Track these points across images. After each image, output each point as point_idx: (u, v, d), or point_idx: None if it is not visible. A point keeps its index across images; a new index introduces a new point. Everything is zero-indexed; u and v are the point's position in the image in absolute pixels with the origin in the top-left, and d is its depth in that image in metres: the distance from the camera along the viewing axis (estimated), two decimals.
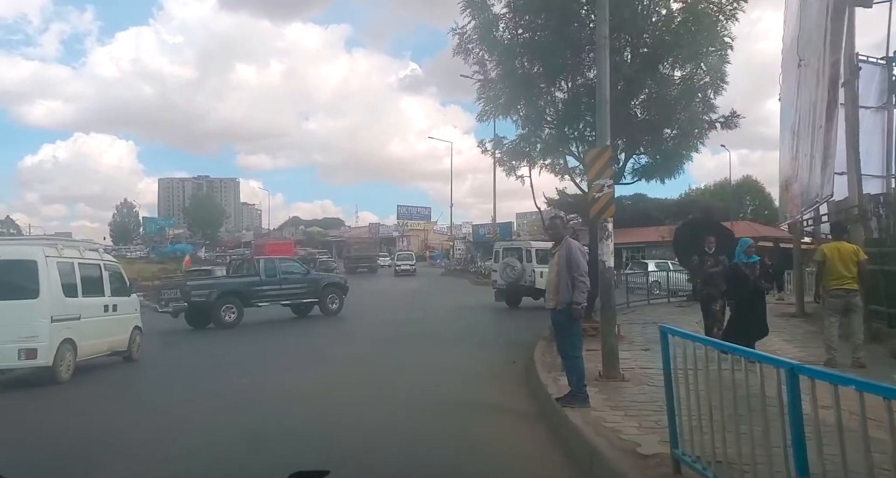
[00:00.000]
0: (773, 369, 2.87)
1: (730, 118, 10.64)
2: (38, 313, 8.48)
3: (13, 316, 8.37)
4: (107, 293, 10.11)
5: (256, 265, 18.09)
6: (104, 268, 10.31)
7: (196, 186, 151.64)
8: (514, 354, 9.99)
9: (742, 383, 3.25)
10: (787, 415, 2.70)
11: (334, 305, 18.35)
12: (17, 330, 8.32)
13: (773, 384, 2.86)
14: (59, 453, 5.29)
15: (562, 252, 6.05)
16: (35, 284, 8.57)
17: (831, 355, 7.23)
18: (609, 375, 7.10)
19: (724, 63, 9.98)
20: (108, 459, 5.11)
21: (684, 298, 17.80)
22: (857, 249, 7.47)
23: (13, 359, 8.38)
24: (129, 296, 11.01)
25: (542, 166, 11.70)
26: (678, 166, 11.03)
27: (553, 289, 6.09)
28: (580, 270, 5.91)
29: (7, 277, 8.63)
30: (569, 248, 6.04)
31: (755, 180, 64.56)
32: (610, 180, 7.19)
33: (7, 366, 8.54)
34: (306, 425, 6.13)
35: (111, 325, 10.13)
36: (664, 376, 4.06)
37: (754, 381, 3.06)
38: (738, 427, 3.22)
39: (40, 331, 8.46)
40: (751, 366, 3.16)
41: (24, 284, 8.56)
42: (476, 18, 10.40)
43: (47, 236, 14.60)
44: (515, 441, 5.38)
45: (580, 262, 5.95)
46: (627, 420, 5.31)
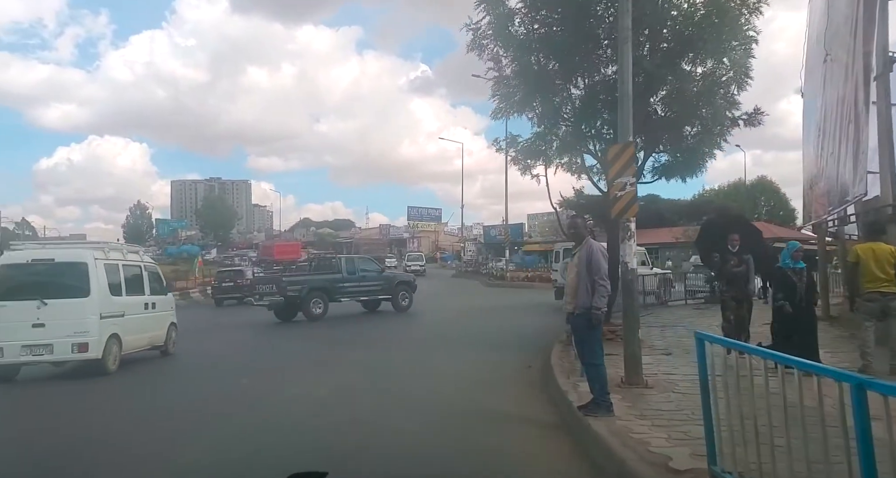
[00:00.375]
0: (834, 382, 2.59)
1: (753, 115, 10.29)
2: (88, 311, 9.31)
3: (67, 313, 9.19)
4: (146, 292, 11.03)
5: (339, 263, 19.35)
6: (144, 269, 11.28)
7: (208, 187, 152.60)
8: (530, 358, 9.71)
9: (785, 393, 2.96)
10: (853, 434, 2.42)
11: (405, 302, 19.44)
12: (70, 326, 9.14)
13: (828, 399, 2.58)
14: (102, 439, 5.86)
15: (582, 254, 5.74)
16: (86, 284, 9.38)
17: (867, 362, 6.88)
18: (632, 381, 6.80)
19: (749, 57, 9.63)
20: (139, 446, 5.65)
21: (702, 300, 17.41)
22: (893, 249, 7.11)
23: (67, 352, 9.21)
24: (165, 295, 12.04)
25: (557, 165, 11.41)
26: (700, 164, 10.71)
27: (572, 292, 5.79)
28: (601, 274, 5.60)
29: (61, 277, 9.51)
30: (590, 249, 5.72)
31: (770, 181, 63.82)
32: (632, 178, 6.90)
33: (62, 359, 9.36)
34: (311, 429, 5.92)
35: (151, 321, 11.07)
36: (701, 386, 3.77)
37: (792, 391, 2.78)
38: (790, 443, 2.92)
39: (91, 327, 9.29)
40: (806, 380, 2.86)
41: (76, 284, 9.37)
42: (490, 13, 10.15)
43: (95, 241, 16.75)
44: (536, 453, 5.10)
45: (601, 264, 5.64)
46: (655, 431, 5.01)
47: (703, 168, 10.79)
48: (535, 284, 32.75)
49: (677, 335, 11.19)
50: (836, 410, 2.57)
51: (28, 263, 9.76)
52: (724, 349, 3.62)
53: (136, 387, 9.02)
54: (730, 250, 8.46)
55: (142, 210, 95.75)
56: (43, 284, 9.46)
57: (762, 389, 3.17)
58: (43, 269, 9.66)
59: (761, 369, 3.16)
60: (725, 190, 61.44)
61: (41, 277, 9.56)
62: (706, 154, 10.50)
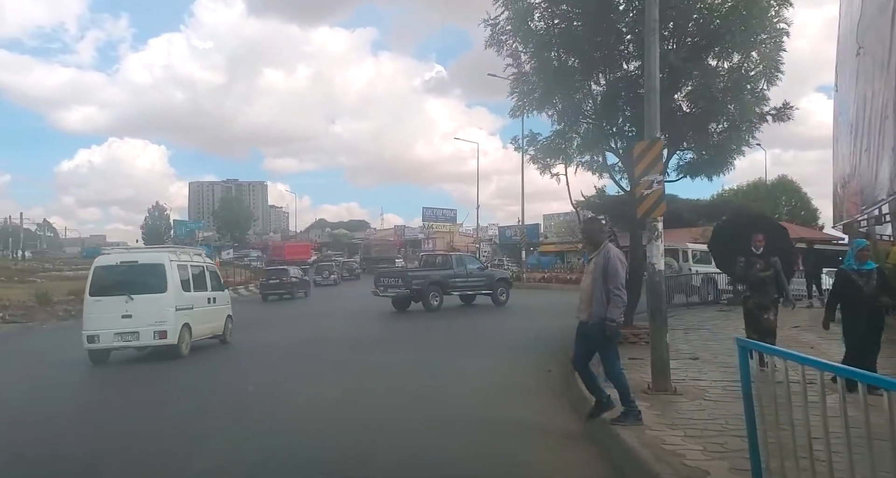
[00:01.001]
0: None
1: (782, 110, 9.91)
2: (166, 304, 11.15)
3: (149, 306, 11.04)
4: (209, 288, 13.02)
5: (450, 261, 21.31)
6: (206, 269, 13.23)
7: (225, 189, 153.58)
8: (549, 362, 9.44)
9: (844, 408, 2.69)
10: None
11: (503, 297, 20.95)
12: (152, 317, 11.01)
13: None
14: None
15: (599, 260, 5.41)
16: (163, 281, 11.25)
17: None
18: (660, 387, 6.51)
19: (779, 51, 9.26)
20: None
21: (726, 302, 17.00)
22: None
23: (150, 339, 11.13)
24: (223, 291, 14.00)
25: (578, 164, 11.11)
26: (728, 162, 10.33)
27: (586, 300, 5.44)
28: (616, 282, 5.27)
29: (143, 277, 11.34)
30: (607, 255, 5.40)
31: (791, 180, 62.68)
32: (660, 176, 6.63)
33: (145, 344, 11.28)
34: (320, 433, 5.72)
35: (213, 313, 13.05)
36: (744, 396, 3.50)
37: (854, 407, 2.52)
38: (852, 462, 2.65)
39: (168, 318, 11.17)
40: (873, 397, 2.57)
41: (155, 282, 11.21)
42: (509, 8, 9.89)
43: (169, 245, 19.88)
44: (561, 466, 4.84)
45: (618, 272, 5.31)
46: (689, 442, 4.74)
47: (731, 166, 10.42)
48: (552, 286, 32.40)
49: (702, 338, 10.87)
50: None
51: (117, 265, 11.67)
52: (770, 358, 3.34)
53: (203, 369, 10.78)
54: (754, 252, 7.73)
55: (160, 211, 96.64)
56: (129, 282, 11.28)
57: (816, 401, 2.90)
58: (129, 269, 11.51)
59: (817, 382, 2.88)
60: (745, 190, 60.42)
61: (127, 277, 11.39)
62: (734, 151, 10.13)
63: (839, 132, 13.17)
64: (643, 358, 7.96)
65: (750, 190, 59.00)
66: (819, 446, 2.90)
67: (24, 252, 62.89)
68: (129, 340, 11.09)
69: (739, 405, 3.61)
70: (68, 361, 11.50)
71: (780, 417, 3.21)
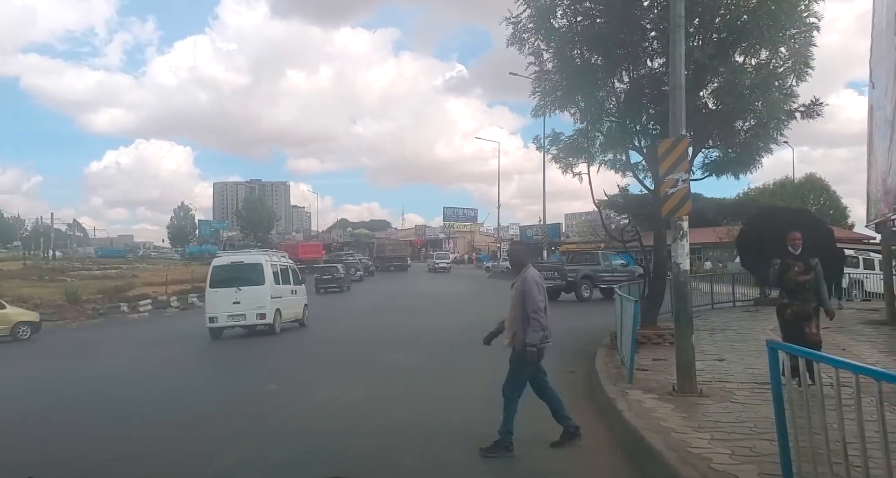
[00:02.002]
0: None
1: (811, 107, 9.67)
2: (265, 294, 15.24)
3: (252, 295, 15.16)
4: (291, 282, 17.29)
5: (597, 257, 23.67)
6: (290, 268, 17.71)
7: (249, 189, 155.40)
8: (572, 362, 9.35)
9: (882, 414, 2.61)
10: None
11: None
12: (255, 303, 15.16)
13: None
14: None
15: (518, 285, 5.23)
16: (261, 277, 15.45)
17: None
18: (685, 389, 6.41)
19: (809, 46, 9.03)
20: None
21: (752, 302, 16.67)
22: None
23: (253, 319, 15.44)
24: (301, 285, 18.30)
25: (601, 163, 10.99)
26: (755, 160, 10.11)
27: (510, 325, 5.28)
28: (533, 307, 5.07)
29: (247, 273, 15.66)
30: (524, 279, 5.19)
31: (819, 178, 61.34)
32: (686, 175, 6.52)
33: (250, 324, 15.63)
34: (337, 434, 5.74)
35: (295, 302, 17.31)
36: (774, 399, 3.41)
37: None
38: (890, 468, 2.57)
39: (266, 304, 15.44)
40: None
41: (256, 277, 15.42)
42: (532, 6, 9.81)
43: (265, 249, 26.72)
44: (585, 469, 4.79)
45: (534, 296, 5.09)
46: (716, 445, 4.64)
47: (758, 164, 10.19)
48: None
49: (728, 339, 10.67)
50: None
51: (229, 264, 16.13)
52: (803, 362, 3.26)
53: (291, 342, 15.13)
54: (791, 253, 6.71)
55: (185, 211, 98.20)
56: (237, 277, 15.49)
57: (850, 405, 2.82)
58: (236, 267, 15.88)
59: (851, 385, 2.80)
60: (771, 188, 59.31)
61: (236, 273, 15.65)
62: (761, 149, 9.91)
63: (875, 129, 12.78)
64: (668, 359, 7.85)
65: (777, 188, 57.90)
66: (854, 451, 2.81)
67: (55, 252, 64.39)
68: (238, 321, 15.34)
69: (768, 408, 3.53)
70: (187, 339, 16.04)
71: (812, 420, 3.13)
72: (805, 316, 6.62)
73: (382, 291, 34.74)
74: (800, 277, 6.65)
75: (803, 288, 6.64)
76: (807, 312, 6.61)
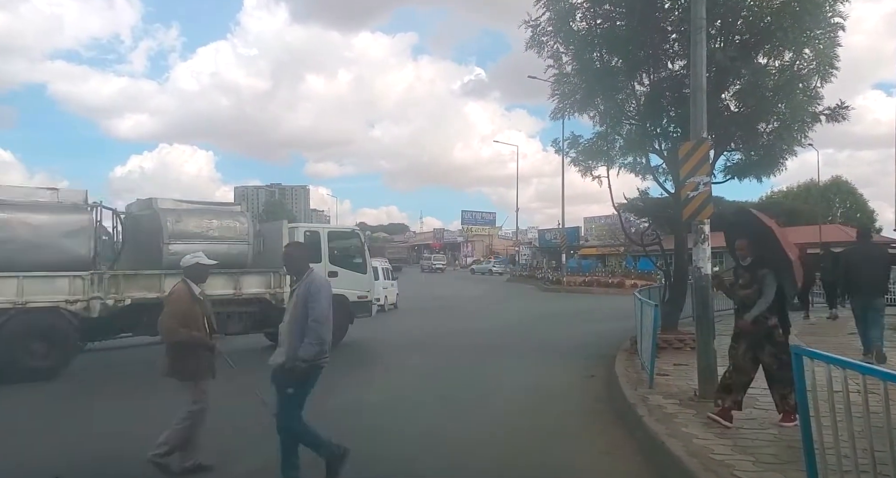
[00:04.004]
0: None
1: (836, 110, 9.51)
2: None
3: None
4: (391, 277, 22.65)
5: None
6: (390, 265, 23.97)
7: (269, 193, 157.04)
8: (592, 367, 9.29)
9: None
10: None
11: None
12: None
13: None
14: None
15: (300, 290, 4.37)
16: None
17: None
18: (706, 395, 6.32)
19: (835, 47, 8.88)
20: None
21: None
22: None
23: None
24: (395, 280, 23.25)
25: (620, 166, 10.92)
26: (778, 163, 9.97)
27: (286, 338, 4.36)
28: (317, 315, 4.24)
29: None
30: (308, 284, 4.35)
31: (845, 181, 60.30)
32: (707, 178, 6.46)
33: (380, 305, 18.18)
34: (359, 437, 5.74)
35: (391, 290, 22.08)
36: (799, 408, 3.36)
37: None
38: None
39: (378, 290, 17.39)
40: None
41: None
42: (551, 9, 9.80)
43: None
44: (604, 472, 4.75)
45: (320, 303, 4.28)
46: (738, 452, 4.58)
47: (782, 166, 10.04)
48: (593, 290, 31.93)
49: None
50: None
51: None
52: (828, 366, 3.19)
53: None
54: (740, 264, 5.76)
55: None
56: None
57: (879, 412, 2.76)
58: None
59: (879, 393, 2.74)
60: (795, 191, 58.41)
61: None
62: (784, 151, 9.76)
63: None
64: (689, 364, 7.76)
65: (801, 191, 57.04)
66: (883, 460, 2.76)
67: None
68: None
69: None
70: None
71: (838, 428, 3.07)
72: (753, 342, 5.52)
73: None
74: (741, 291, 5.63)
75: (744, 304, 5.60)
76: (753, 337, 5.49)
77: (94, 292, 9.65)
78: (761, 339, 5.46)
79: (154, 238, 10.53)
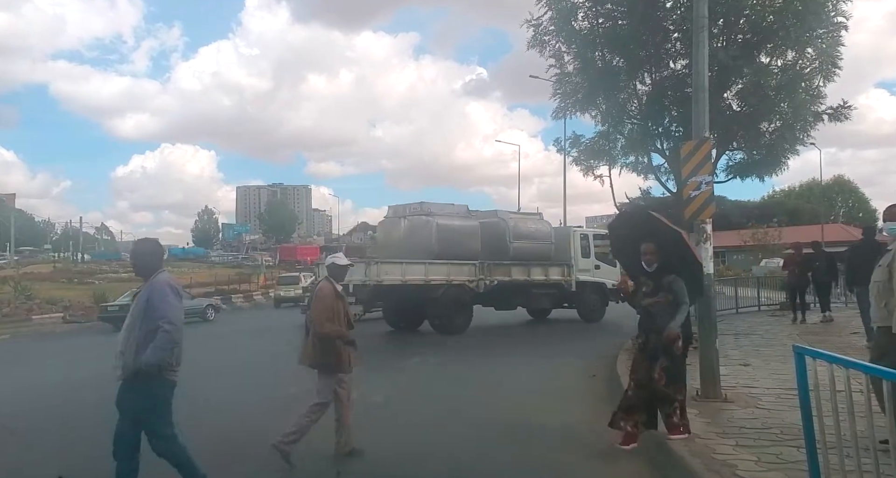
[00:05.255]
0: None
1: (839, 109, 9.50)
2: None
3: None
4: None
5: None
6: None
7: (271, 193, 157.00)
8: (593, 367, 9.28)
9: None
10: None
11: None
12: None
13: None
14: None
15: (143, 293, 3.90)
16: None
17: None
18: (709, 394, 6.33)
19: (837, 46, 8.87)
20: None
21: (777, 306, 16.38)
22: None
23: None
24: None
25: (622, 165, 10.93)
26: (780, 162, 9.96)
27: (126, 349, 3.81)
28: (163, 314, 3.73)
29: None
30: (152, 285, 3.87)
31: (847, 180, 60.23)
32: (709, 177, 6.46)
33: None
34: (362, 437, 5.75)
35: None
36: (801, 408, 3.34)
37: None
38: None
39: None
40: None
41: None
42: (553, 9, 9.82)
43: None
44: (606, 473, 4.74)
45: (168, 303, 3.78)
46: (741, 452, 4.57)
47: (784, 166, 10.04)
48: None
49: (754, 345, 10.49)
50: None
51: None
52: (830, 366, 3.19)
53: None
54: (645, 270, 5.20)
55: (209, 215, 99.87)
56: None
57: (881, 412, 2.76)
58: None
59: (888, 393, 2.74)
60: (798, 190, 58.34)
61: None
62: (787, 151, 9.75)
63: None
64: (692, 363, 7.70)
65: (803, 191, 56.99)
66: (886, 460, 2.75)
67: (84, 255, 65.91)
68: None
69: (795, 414, 3.47)
70: None
71: (841, 428, 3.07)
72: (651, 353, 5.01)
73: None
74: (645, 300, 5.10)
75: (649, 314, 5.08)
76: (651, 348, 4.99)
77: (480, 275, 14.36)
78: (658, 350, 4.97)
79: (501, 238, 15.00)
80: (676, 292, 5.00)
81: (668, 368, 4.99)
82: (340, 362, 4.99)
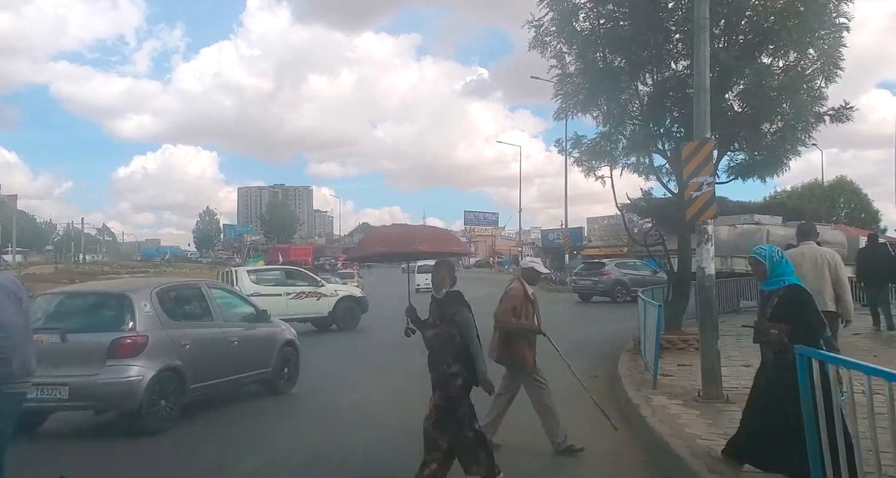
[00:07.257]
0: None
1: (841, 110, 9.49)
2: None
3: None
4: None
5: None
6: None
7: (272, 194, 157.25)
8: (594, 367, 9.26)
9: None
10: None
11: None
12: None
13: None
14: None
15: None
16: None
17: None
18: (710, 396, 6.33)
19: (839, 46, 8.86)
20: None
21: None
22: None
23: None
24: None
25: (623, 166, 10.90)
26: (782, 163, 9.95)
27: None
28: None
29: None
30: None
31: (849, 181, 60.09)
32: (710, 178, 6.45)
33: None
34: (360, 438, 5.75)
35: None
36: (803, 407, 3.35)
37: None
38: None
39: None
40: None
41: None
42: (554, 9, 9.79)
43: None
44: (609, 473, 4.74)
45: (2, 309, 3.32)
46: None
47: (786, 167, 10.02)
48: None
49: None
50: None
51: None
52: (835, 368, 3.19)
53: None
54: (435, 299, 4.56)
55: (210, 216, 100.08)
56: None
57: (883, 413, 2.75)
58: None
59: (884, 393, 2.74)
60: (799, 191, 58.18)
61: None
62: (788, 151, 9.74)
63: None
64: (692, 364, 7.74)
65: (805, 192, 56.82)
66: (887, 461, 2.75)
67: (85, 255, 66.09)
68: None
69: None
70: None
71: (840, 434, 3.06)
72: (443, 390, 4.35)
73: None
74: (427, 332, 4.52)
75: (430, 347, 4.49)
76: (441, 383, 4.35)
77: None
78: (436, 384, 4.35)
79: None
80: (462, 327, 4.31)
81: (439, 406, 4.33)
82: (525, 358, 5.37)
